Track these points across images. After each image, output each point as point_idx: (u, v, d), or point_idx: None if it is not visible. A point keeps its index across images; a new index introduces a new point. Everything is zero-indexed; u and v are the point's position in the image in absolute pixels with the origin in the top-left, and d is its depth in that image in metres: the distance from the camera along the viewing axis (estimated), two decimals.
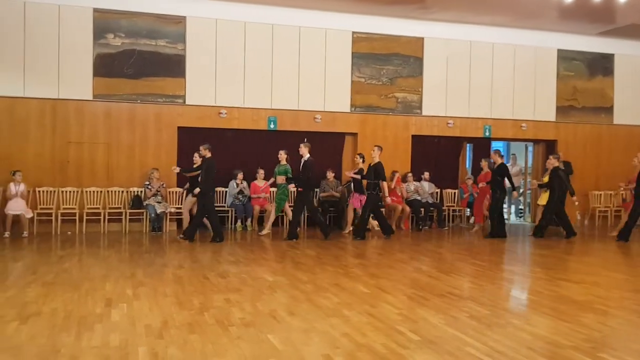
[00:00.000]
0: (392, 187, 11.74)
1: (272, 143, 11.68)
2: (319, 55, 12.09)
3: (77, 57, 10.69)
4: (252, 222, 11.31)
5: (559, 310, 5.48)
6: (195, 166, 10.33)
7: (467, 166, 13.74)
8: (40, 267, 7.18)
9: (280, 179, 10.41)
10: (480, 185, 11.67)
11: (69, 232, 10.35)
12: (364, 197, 10.49)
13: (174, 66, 11.27)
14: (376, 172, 10.23)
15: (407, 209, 11.88)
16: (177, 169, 10.29)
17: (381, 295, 6.01)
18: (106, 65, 10.88)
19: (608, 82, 14.08)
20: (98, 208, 10.59)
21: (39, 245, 8.85)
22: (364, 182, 10.61)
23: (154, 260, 7.88)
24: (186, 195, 10.85)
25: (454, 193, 13.06)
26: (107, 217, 10.56)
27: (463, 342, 4.45)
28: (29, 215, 10.02)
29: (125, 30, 10.99)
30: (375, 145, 10.60)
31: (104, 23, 10.85)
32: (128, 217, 10.74)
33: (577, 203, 11.33)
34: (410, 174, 12.27)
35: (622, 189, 12.34)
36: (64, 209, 10.41)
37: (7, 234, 9.80)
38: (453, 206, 12.92)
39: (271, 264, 7.76)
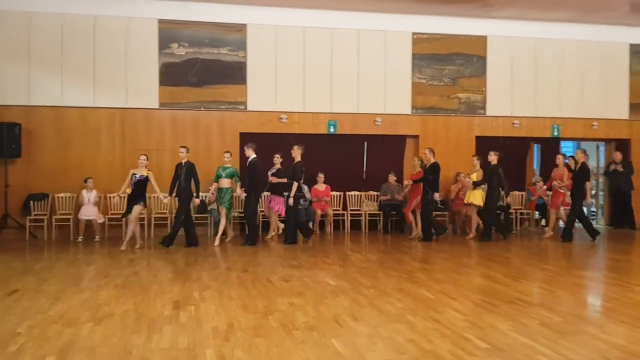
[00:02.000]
0: (459, 189, 11.53)
1: (332, 147, 11.68)
2: (378, 58, 12.01)
3: (143, 67, 11.10)
4: (313, 225, 11.33)
5: (636, 317, 5.17)
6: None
7: (535, 167, 13.26)
8: (111, 271, 7.46)
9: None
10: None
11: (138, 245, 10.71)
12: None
13: (235, 73, 11.49)
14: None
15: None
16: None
17: (447, 301, 5.85)
18: (171, 74, 11.22)
19: None
20: (165, 213, 10.90)
21: (109, 249, 9.20)
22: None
23: (219, 264, 8.03)
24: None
25: (521, 195, 12.61)
26: (173, 222, 10.84)
27: (534, 350, 4.26)
28: (101, 220, 10.45)
29: (189, 40, 11.30)
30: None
31: (169, 33, 11.21)
32: (193, 222, 10.98)
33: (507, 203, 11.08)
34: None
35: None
36: (158, 213, 10.79)
37: (80, 239, 10.27)
38: (521, 209, 12.47)
39: (333, 268, 7.73)
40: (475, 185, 10.61)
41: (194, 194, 9.67)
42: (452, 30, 12.29)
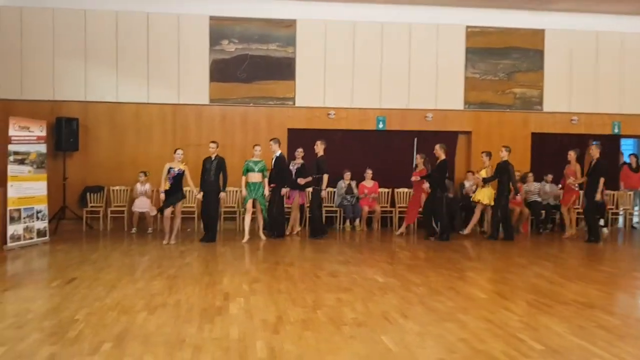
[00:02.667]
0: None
1: (381, 143, 11.58)
2: (430, 52, 11.82)
3: (194, 63, 11.29)
4: (360, 222, 11.26)
5: None
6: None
7: None
8: (164, 262, 7.63)
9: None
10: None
11: (188, 229, 10.91)
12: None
13: (284, 69, 11.54)
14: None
15: (526, 211, 11.25)
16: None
17: (499, 300, 5.70)
18: (221, 71, 11.37)
19: None
20: (193, 207, 10.97)
21: (162, 241, 9.41)
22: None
23: (267, 258, 8.09)
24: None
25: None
26: (222, 215, 11.00)
27: (591, 353, 4.11)
28: (153, 212, 10.70)
29: (239, 36, 11.42)
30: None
31: (219, 30, 11.36)
32: (242, 215, 11.10)
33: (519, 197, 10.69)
34: (530, 174, 11.61)
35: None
36: (184, 207, 10.96)
37: (134, 230, 10.55)
38: (578, 209, 12.01)
39: (381, 265, 7.66)
40: (485, 181, 10.30)
41: (222, 189, 9.64)
42: (508, 24, 11.95)
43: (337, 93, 11.65)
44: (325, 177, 9.95)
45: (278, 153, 9.95)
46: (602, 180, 9.79)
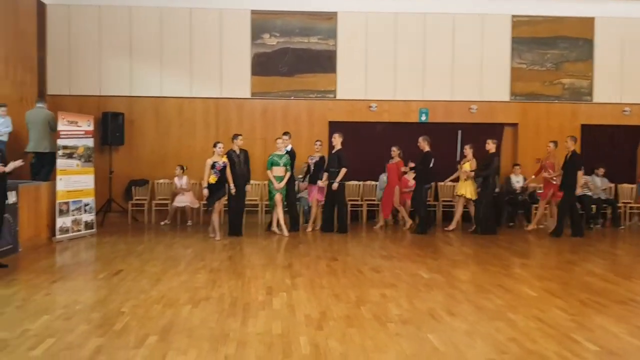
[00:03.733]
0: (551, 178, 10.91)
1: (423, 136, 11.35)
2: (475, 43, 11.53)
3: (236, 58, 11.33)
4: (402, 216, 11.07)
5: None
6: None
7: None
8: (207, 255, 7.68)
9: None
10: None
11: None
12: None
13: (325, 62, 11.46)
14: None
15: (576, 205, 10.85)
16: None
17: (550, 299, 5.49)
18: (262, 64, 11.38)
19: None
20: (256, 200, 11.10)
21: (205, 234, 9.49)
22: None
23: (309, 252, 8.04)
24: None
25: (632, 189, 11.66)
26: (264, 208, 11.03)
27: None
28: (195, 205, 10.81)
29: (280, 30, 11.39)
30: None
31: (261, 24, 11.35)
32: (283, 209, 11.08)
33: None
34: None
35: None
36: (226, 200, 11.02)
37: (163, 223, 10.68)
38: (630, 203, 11.54)
39: (426, 260, 7.50)
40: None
41: (248, 182, 9.56)
42: (556, 12, 11.54)
43: (379, 85, 11.50)
44: (343, 170, 9.75)
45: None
46: (579, 173, 9.58)
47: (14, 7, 9.87)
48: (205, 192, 8.96)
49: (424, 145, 9.89)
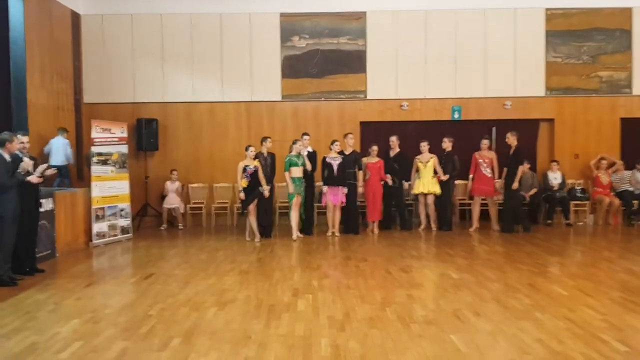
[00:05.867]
0: (595, 174, 10.59)
1: (456, 134, 11.17)
2: (507, 37, 11.29)
3: (266, 61, 11.41)
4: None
5: None
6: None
7: None
8: (237, 257, 7.77)
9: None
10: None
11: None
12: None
13: (355, 62, 11.43)
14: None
15: (617, 201, 10.51)
16: None
17: (582, 298, 5.33)
18: (292, 67, 11.43)
19: None
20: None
21: (238, 236, 9.59)
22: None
23: (338, 253, 8.04)
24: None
25: None
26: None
27: None
28: (182, 210, 10.96)
29: (309, 31, 11.43)
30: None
31: (290, 26, 11.41)
32: (315, 210, 11.10)
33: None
34: (620, 162, 10.83)
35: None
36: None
37: (162, 227, 10.80)
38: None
39: (456, 260, 7.39)
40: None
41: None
42: (590, 4, 11.20)
43: (410, 84, 11.39)
44: (360, 173, 9.79)
45: (310, 149, 9.85)
46: (520, 168, 9.55)
47: (49, 18, 10.21)
48: (242, 195, 9.02)
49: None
